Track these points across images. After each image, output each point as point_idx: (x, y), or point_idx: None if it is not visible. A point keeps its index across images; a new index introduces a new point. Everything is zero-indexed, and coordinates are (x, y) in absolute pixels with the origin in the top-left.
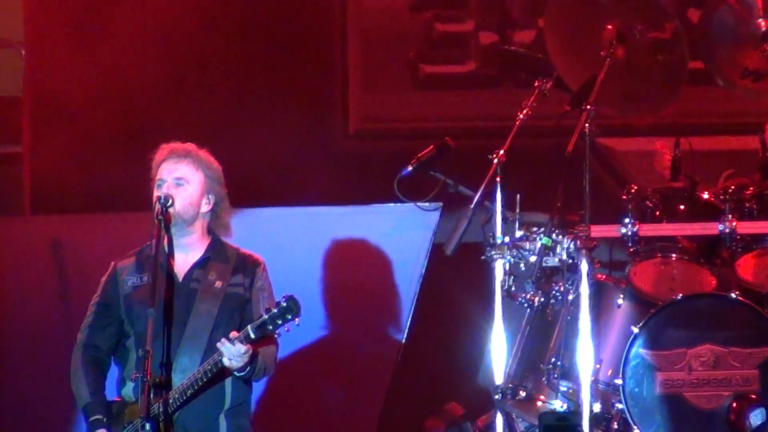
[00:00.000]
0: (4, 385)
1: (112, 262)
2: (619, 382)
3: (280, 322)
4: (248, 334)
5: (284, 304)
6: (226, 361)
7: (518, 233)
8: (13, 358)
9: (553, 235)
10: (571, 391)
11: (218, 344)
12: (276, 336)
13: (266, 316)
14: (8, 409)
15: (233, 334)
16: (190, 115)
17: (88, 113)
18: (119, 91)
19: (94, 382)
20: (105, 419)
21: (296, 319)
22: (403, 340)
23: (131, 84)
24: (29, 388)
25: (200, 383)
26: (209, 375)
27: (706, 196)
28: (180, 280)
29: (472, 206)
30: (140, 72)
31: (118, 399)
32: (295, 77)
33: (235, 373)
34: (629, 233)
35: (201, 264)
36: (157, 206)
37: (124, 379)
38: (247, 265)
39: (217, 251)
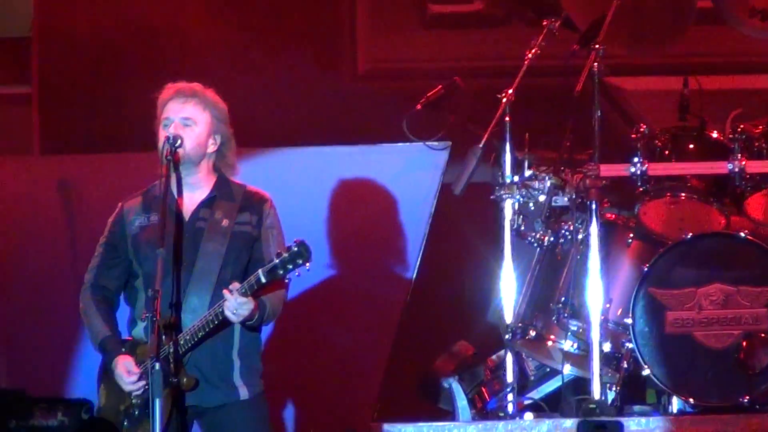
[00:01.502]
0: (11, 324)
1: (119, 203)
2: (628, 321)
3: (290, 267)
4: (259, 278)
5: (295, 249)
6: (230, 316)
7: (527, 172)
8: (21, 297)
9: (563, 174)
10: (580, 330)
11: (222, 301)
12: (286, 281)
13: (277, 261)
14: (15, 348)
15: (234, 285)
16: (197, 55)
17: (97, 54)
18: (127, 32)
19: (107, 317)
20: (124, 351)
21: (307, 264)
22: (413, 280)
23: (139, 24)
24: (36, 328)
25: (211, 326)
26: (219, 318)
27: (715, 135)
28: (186, 219)
29: (481, 145)
30: (148, 12)
31: (130, 339)
32: (304, 18)
33: (244, 323)
34: (638, 172)
35: (207, 203)
36: (167, 146)
37: (134, 319)
38: (254, 203)
39: (223, 189)
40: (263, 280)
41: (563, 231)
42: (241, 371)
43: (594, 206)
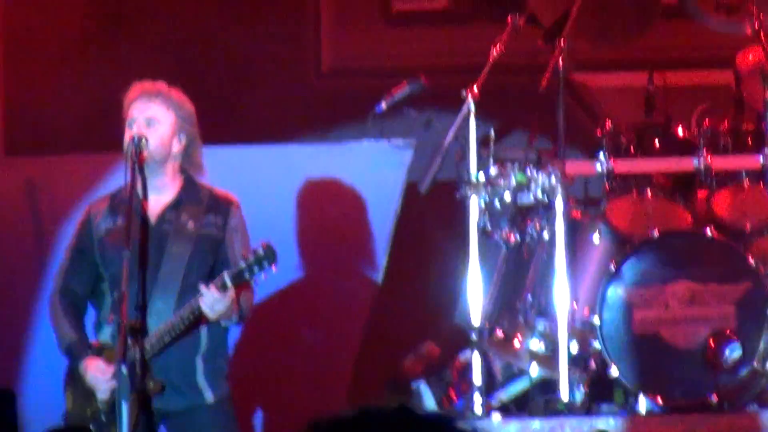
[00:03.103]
0: None
1: (87, 206)
2: (595, 320)
3: (256, 269)
4: (224, 282)
5: (261, 252)
6: (207, 311)
7: (492, 170)
8: None
9: (528, 172)
10: (547, 330)
11: (198, 296)
12: (252, 283)
13: (243, 264)
14: None
15: (201, 285)
16: (161, 51)
17: (62, 54)
18: (92, 33)
19: (76, 322)
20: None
21: (273, 267)
22: (379, 280)
23: (103, 24)
24: (6, 333)
25: (177, 330)
26: (186, 322)
27: (680, 131)
28: (152, 222)
29: (446, 143)
30: (111, 10)
31: (96, 343)
32: (267, 15)
33: (222, 322)
34: (604, 169)
35: (173, 206)
36: (131, 147)
37: (100, 322)
38: (221, 205)
39: (189, 192)
40: (229, 284)
41: (529, 229)
42: (206, 374)
43: (560, 204)
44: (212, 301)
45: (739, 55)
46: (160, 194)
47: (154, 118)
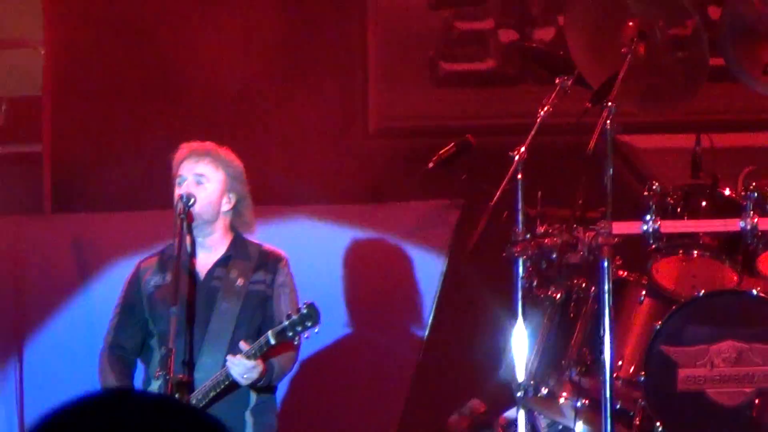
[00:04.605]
0: (29, 384)
1: (137, 262)
2: (641, 378)
3: (299, 329)
4: (268, 340)
5: (304, 311)
6: (238, 379)
7: (539, 230)
8: (37, 358)
9: (575, 232)
10: (592, 388)
11: (228, 365)
12: (295, 342)
13: (286, 323)
14: (34, 407)
15: (242, 345)
16: (208, 115)
17: (108, 112)
18: (141, 90)
19: (122, 376)
20: None
21: (316, 327)
22: (425, 338)
23: (150, 84)
24: (53, 388)
25: (222, 386)
26: (229, 380)
27: (727, 192)
28: (201, 278)
29: (493, 203)
30: (159, 72)
31: None
32: (315, 77)
33: (258, 384)
34: (650, 230)
35: (222, 262)
36: (180, 205)
37: (149, 378)
38: (269, 261)
39: (239, 249)
40: (272, 342)
41: (575, 288)
42: (255, 429)
43: (606, 264)
44: (242, 370)
45: None
46: (210, 251)
47: (203, 176)
